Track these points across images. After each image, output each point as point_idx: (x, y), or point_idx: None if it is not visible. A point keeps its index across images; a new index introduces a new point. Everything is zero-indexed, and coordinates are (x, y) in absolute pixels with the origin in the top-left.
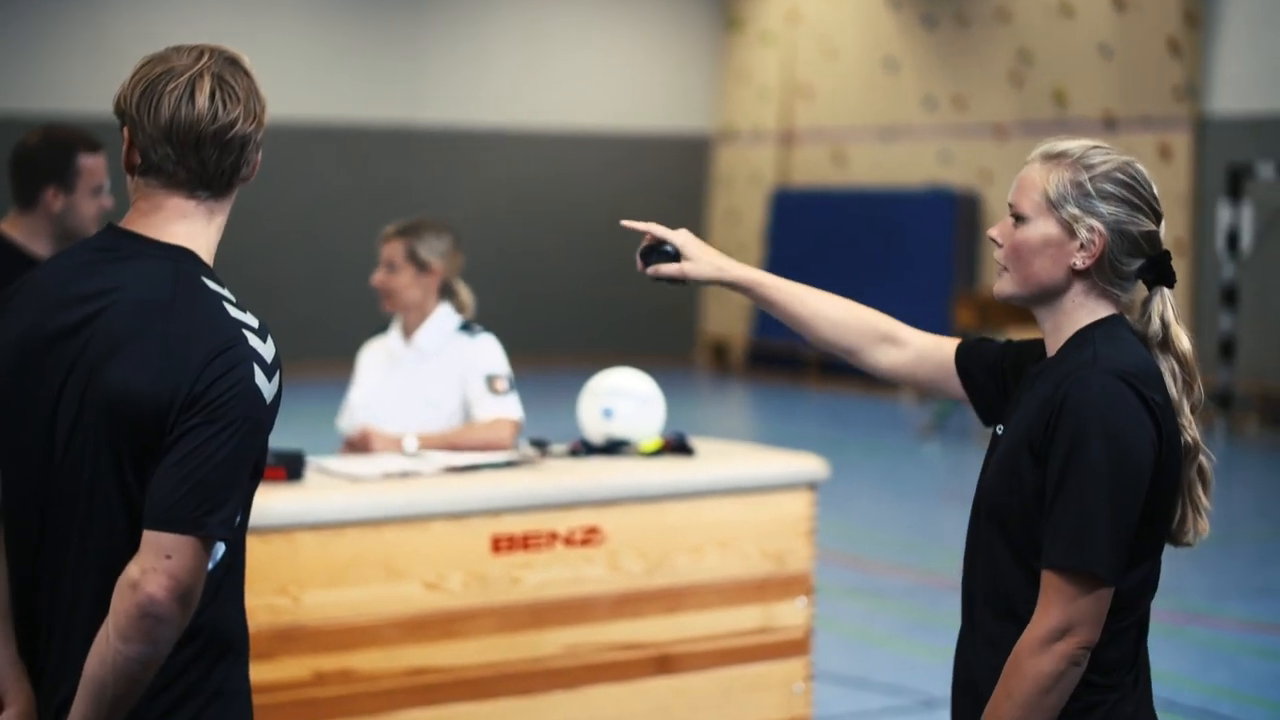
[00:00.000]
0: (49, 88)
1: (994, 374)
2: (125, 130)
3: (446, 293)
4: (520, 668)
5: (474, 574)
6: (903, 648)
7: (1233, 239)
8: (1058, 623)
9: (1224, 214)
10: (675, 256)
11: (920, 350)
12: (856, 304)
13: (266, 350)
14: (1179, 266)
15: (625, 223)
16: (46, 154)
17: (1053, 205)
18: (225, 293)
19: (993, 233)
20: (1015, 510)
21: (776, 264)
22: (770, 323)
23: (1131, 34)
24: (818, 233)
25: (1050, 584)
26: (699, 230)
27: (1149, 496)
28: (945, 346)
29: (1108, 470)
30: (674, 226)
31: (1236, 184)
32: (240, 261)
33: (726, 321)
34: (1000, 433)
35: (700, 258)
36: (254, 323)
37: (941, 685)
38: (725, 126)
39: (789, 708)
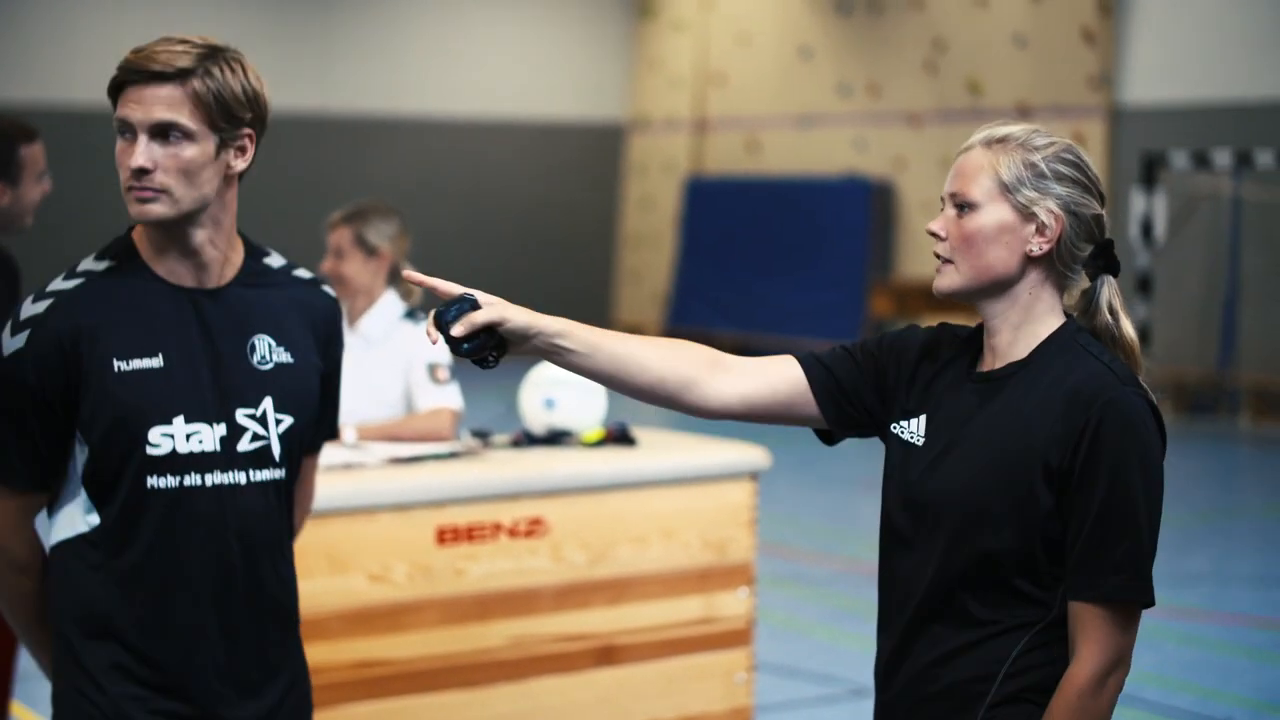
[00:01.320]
0: None
1: (866, 376)
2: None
3: (394, 278)
4: (465, 659)
5: (419, 566)
6: (831, 636)
7: (1147, 227)
8: (1112, 656)
9: (1138, 202)
10: (477, 306)
11: (760, 372)
12: (672, 339)
13: (27, 308)
14: None
15: (408, 274)
16: None
17: (1007, 189)
18: (85, 263)
19: (934, 226)
20: (1011, 524)
21: (691, 252)
22: (684, 310)
23: (1045, 23)
24: (732, 221)
25: (1099, 617)
26: (613, 218)
27: None
28: (787, 366)
29: (1147, 497)
30: (587, 214)
31: (1150, 173)
32: None
33: (639, 309)
34: (918, 432)
35: (508, 304)
36: (50, 285)
37: (871, 673)
38: (638, 114)
39: (731, 698)
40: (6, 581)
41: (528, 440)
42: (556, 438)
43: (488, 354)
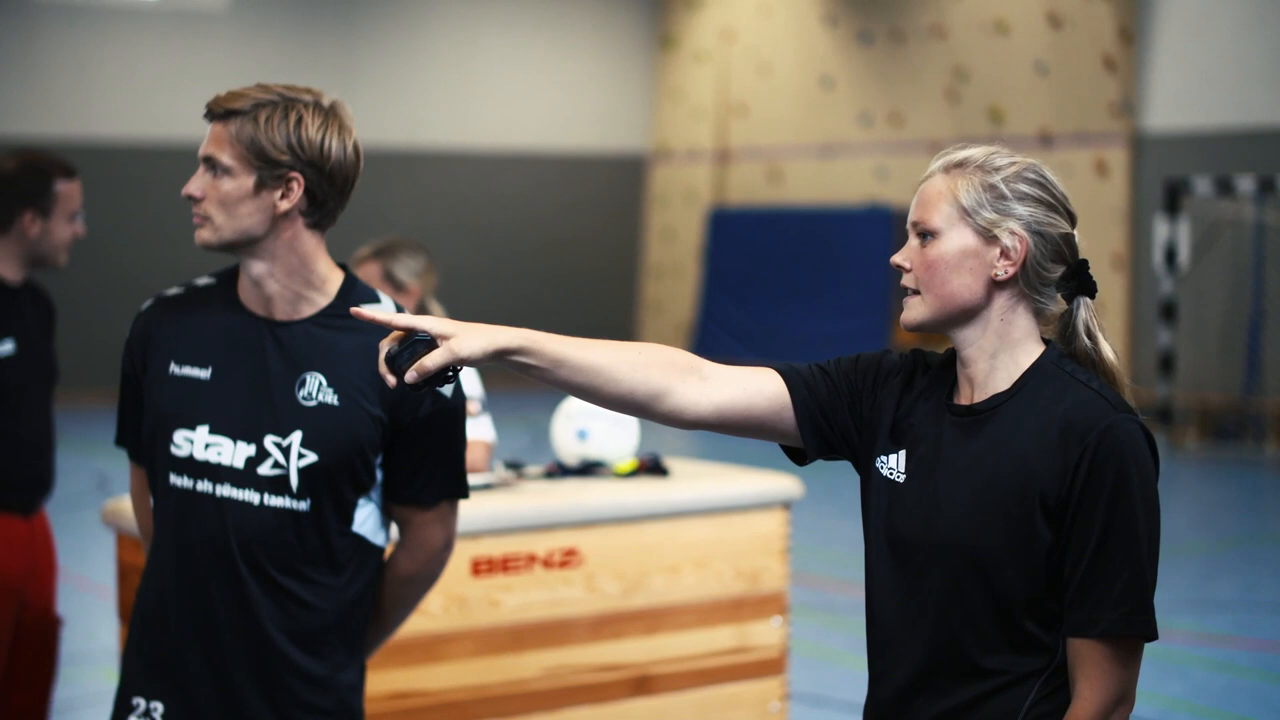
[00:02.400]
0: None
1: (841, 398)
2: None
3: (421, 313)
4: (500, 690)
5: (454, 597)
6: (859, 665)
7: (1170, 254)
8: (1115, 694)
9: (1161, 229)
10: (432, 344)
11: (737, 383)
12: (648, 343)
13: (142, 306)
14: (1118, 282)
15: (355, 310)
16: (24, 179)
17: (967, 213)
18: (199, 279)
19: (897, 259)
20: (1015, 565)
21: (714, 283)
22: (707, 340)
23: (1067, 51)
24: (755, 251)
25: (1101, 653)
26: (635, 249)
27: None
28: (767, 379)
29: (1146, 528)
30: (610, 245)
31: (1174, 199)
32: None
33: (662, 340)
34: (898, 469)
35: (463, 331)
36: (164, 291)
37: None
38: (660, 145)
39: None
40: (143, 545)
41: (561, 471)
42: (589, 469)
43: (445, 379)
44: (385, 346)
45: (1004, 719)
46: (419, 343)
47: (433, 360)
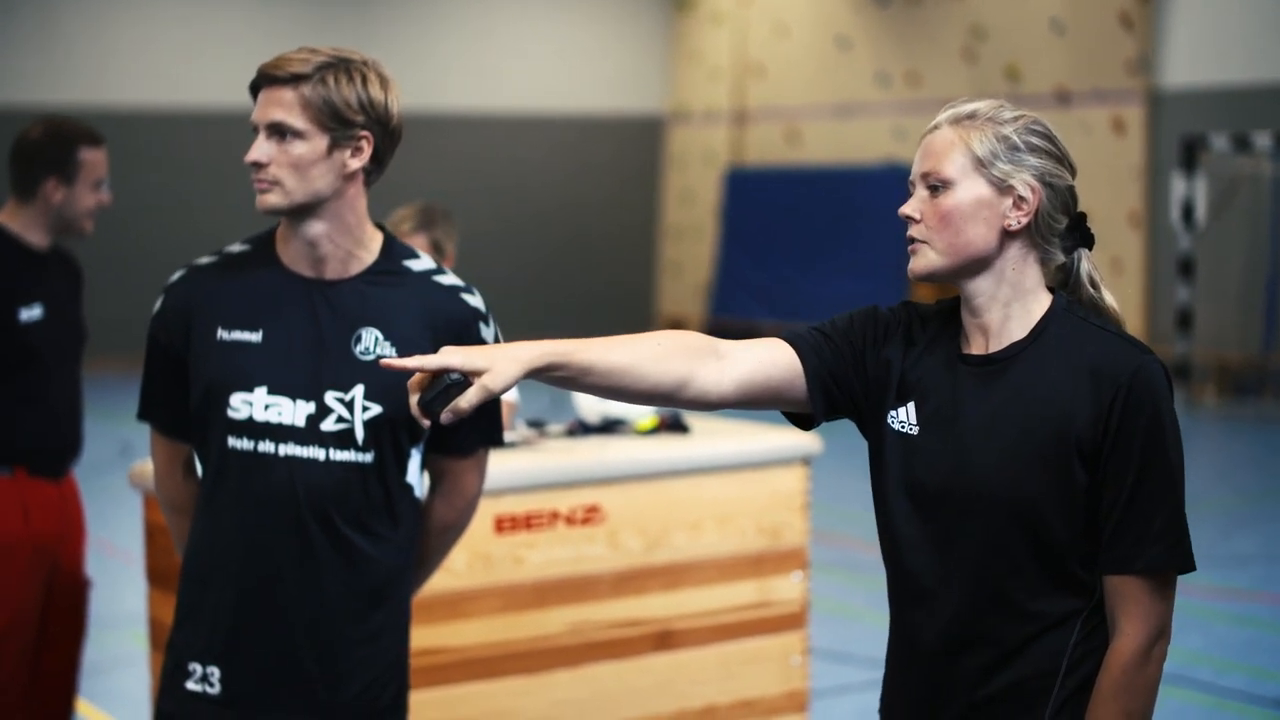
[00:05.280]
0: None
1: (845, 360)
2: (373, 137)
3: None
4: (524, 646)
5: (478, 554)
6: (880, 621)
7: (1188, 211)
8: (1156, 626)
9: (1178, 186)
10: (464, 384)
11: (753, 358)
12: (663, 331)
13: (171, 277)
14: (1135, 240)
15: (385, 362)
16: (48, 146)
17: (981, 164)
18: (230, 245)
19: (906, 209)
20: (1053, 508)
21: (732, 243)
22: (726, 301)
23: (1083, 8)
24: (773, 211)
25: (1142, 588)
26: (654, 211)
27: None
28: (777, 349)
29: (1178, 464)
30: (628, 207)
31: (1191, 156)
32: (211, 246)
33: (682, 300)
34: (909, 421)
35: (494, 363)
36: (194, 260)
37: None
38: (678, 107)
39: (787, 681)
40: (167, 518)
41: (582, 429)
42: (610, 426)
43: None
44: (415, 390)
45: (1049, 659)
46: (452, 385)
47: (468, 401)
